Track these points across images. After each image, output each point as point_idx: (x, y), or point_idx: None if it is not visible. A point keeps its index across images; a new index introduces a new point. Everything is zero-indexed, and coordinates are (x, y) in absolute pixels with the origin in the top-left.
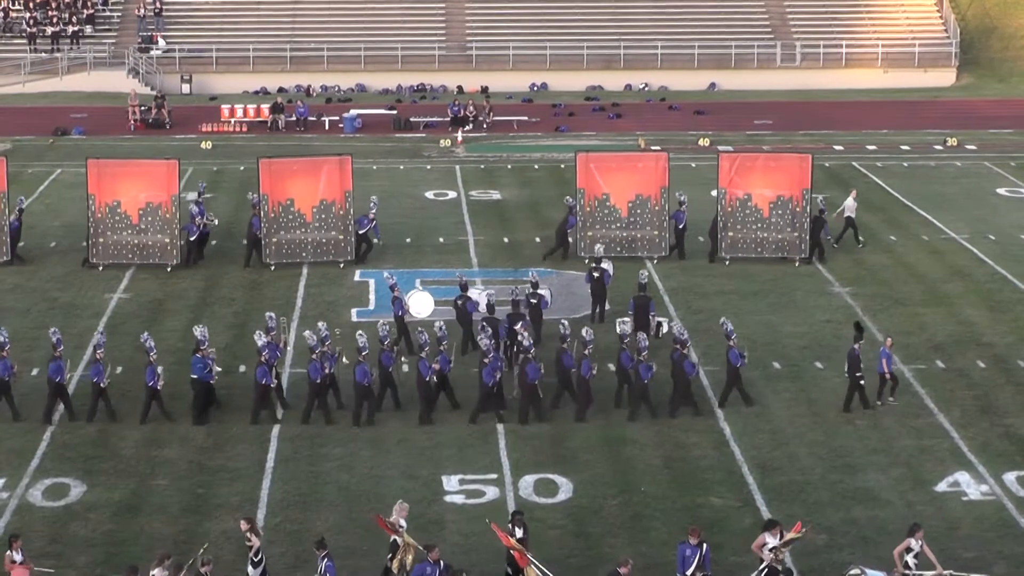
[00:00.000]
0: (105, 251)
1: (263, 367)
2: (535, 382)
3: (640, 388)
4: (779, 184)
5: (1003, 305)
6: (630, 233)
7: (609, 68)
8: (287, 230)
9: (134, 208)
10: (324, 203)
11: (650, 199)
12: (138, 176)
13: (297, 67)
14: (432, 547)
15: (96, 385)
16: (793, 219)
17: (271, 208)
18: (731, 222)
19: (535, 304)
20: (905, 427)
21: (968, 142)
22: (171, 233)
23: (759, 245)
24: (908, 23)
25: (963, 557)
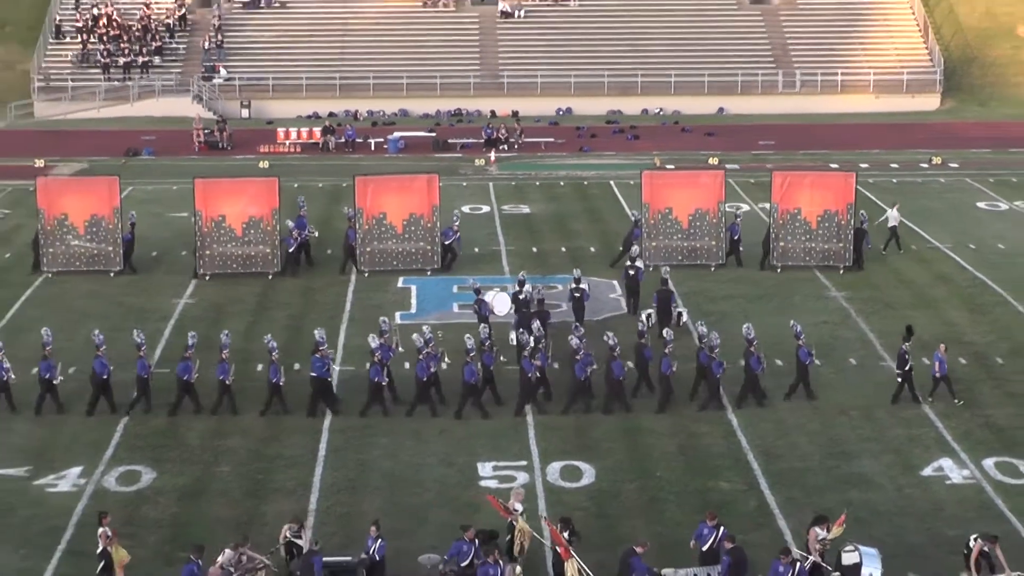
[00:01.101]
0: (211, 262)
1: (376, 367)
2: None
3: (714, 383)
4: (826, 199)
5: (983, 307)
6: (690, 243)
7: (627, 94)
8: (380, 241)
9: (238, 222)
10: (413, 216)
11: (708, 212)
12: (241, 193)
13: (345, 94)
14: (468, 527)
15: (183, 381)
16: (838, 231)
17: (366, 221)
18: (782, 233)
19: (578, 297)
20: (895, 418)
21: (951, 160)
22: (272, 244)
23: (807, 254)
24: (897, 53)
25: (947, 535)
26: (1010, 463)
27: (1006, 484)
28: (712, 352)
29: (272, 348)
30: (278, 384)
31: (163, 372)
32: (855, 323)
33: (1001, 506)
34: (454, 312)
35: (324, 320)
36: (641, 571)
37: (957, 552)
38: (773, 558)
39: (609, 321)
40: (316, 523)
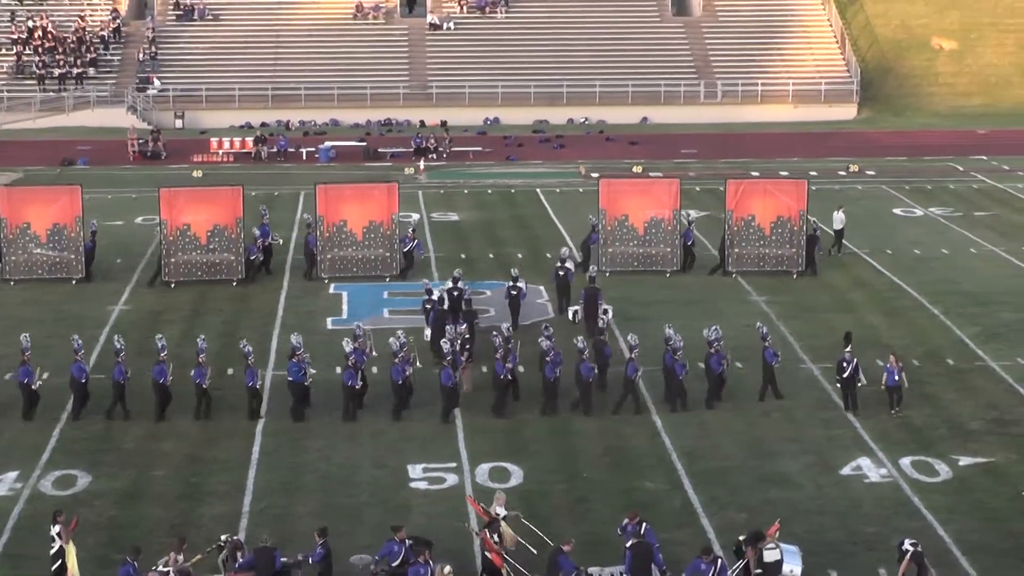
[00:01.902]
0: (176, 270)
1: (350, 371)
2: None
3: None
4: (779, 206)
5: (899, 311)
6: (646, 250)
7: (553, 104)
8: (340, 248)
9: (203, 230)
10: (373, 224)
11: (664, 219)
12: (205, 201)
13: (278, 104)
14: (399, 528)
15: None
16: (791, 237)
17: (326, 228)
18: (737, 240)
19: (515, 295)
20: (814, 419)
21: (868, 168)
22: (236, 252)
23: (761, 260)
24: (815, 64)
25: (865, 532)
26: (926, 462)
27: (922, 482)
28: (676, 354)
29: (248, 353)
30: (255, 388)
31: (99, 378)
32: (776, 326)
33: (917, 503)
34: (384, 317)
35: (257, 326)
36: (568, 569)
37: (875, 549)
38: (695, 556)
39: (538, 324)
40: (250, 525)
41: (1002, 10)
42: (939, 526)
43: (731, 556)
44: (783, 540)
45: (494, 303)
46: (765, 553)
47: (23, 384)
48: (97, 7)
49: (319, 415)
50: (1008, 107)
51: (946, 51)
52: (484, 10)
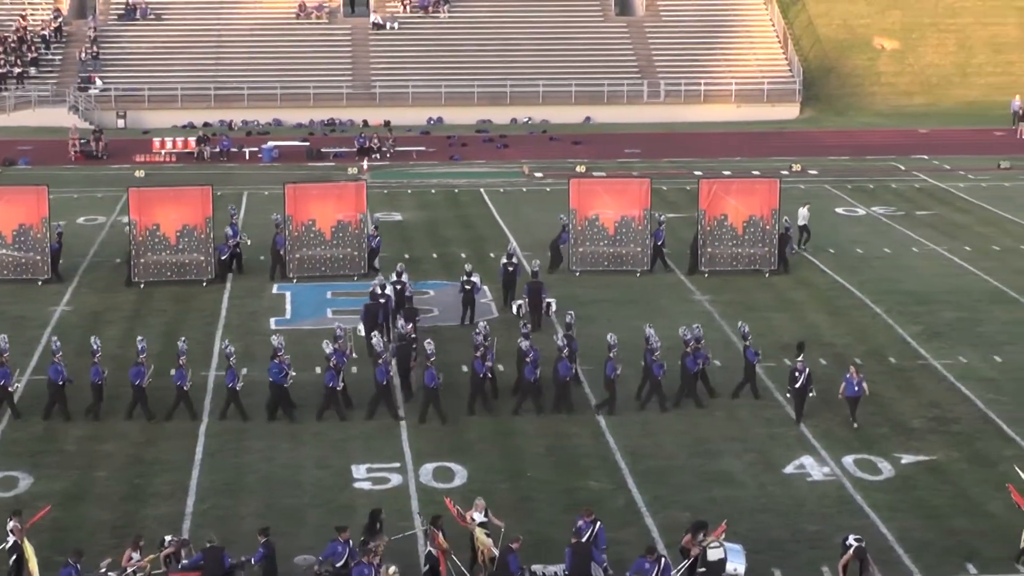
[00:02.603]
0: (146, 270)
1: (331, 371)
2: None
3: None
4: (751, 206)
5: (841, 310)
6: (616, 250)
7: (497, 104)
8: (309, 247)
9: (172, 230)
10: (341, 223)
11: (634, 219)
12: (175, 201)
13: (220, 104)
14: (343, 528)
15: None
16: (763, 236)
17: (295, 227)
18: (709, 239)
19: (469, 290)
20: (757, 418)
21: (810, 168)
22: (206, 252)
23: (734, 259)
24: (758, 64)
25: (808, 530)
26: (868, 460)
27: (864, 480)
28: (654, 354)
29: (229, 354)
30: (235, 389)
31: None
32: (719, 325)
33: (860, 501)
34: (328, 318)
35: (200, 327)
36: (516, 568)
37: (818, 547)
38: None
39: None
40: (193, 526)
41: (943, 10)
42: (881, 524)
43: (675, 555)
44: (727, 539)
45: (438, 303)
46: (709, 552)
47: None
48: (38, 6)
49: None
50: (949, 107)
51: (888, 51)
52: (427, 10)
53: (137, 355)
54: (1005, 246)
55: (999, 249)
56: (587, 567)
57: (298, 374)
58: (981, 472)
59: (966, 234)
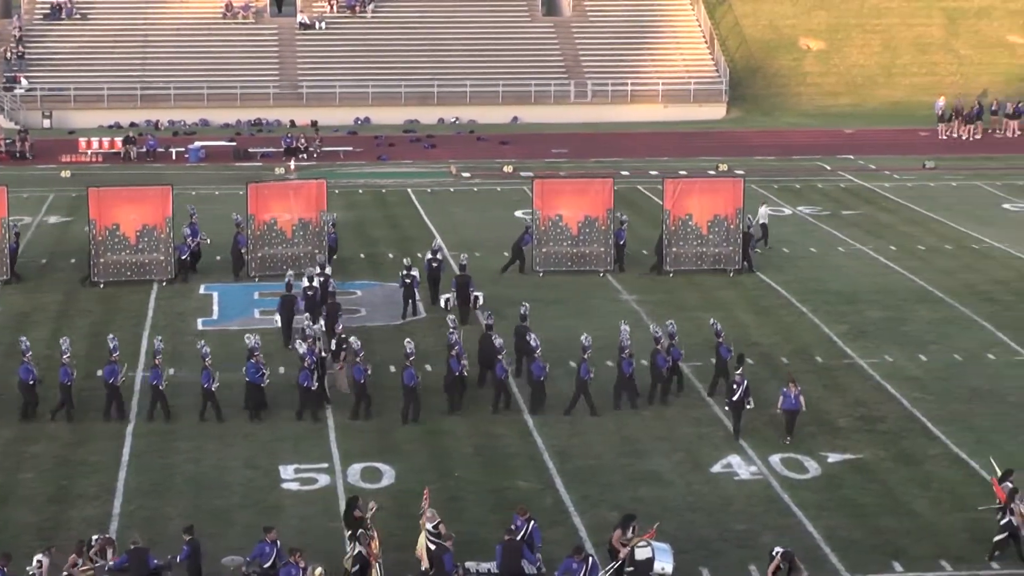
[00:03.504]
0: (105, 270)
1: (306, 371)
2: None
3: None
4: (715, 205)
5: (768, 310)
6: (579, 250)
7: (424, 104)
8: (270, 246)
9: (132, 230)
10: (302, 221)
11: (597, 219)
12: (135, 201)
13: (147, 104)
14: (271, 528)
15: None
16: (728, 235)
17: (256, 226)
18: (674, 239)
19: (409, 284)
20: (685, 417)
21: (737, 167)
22: (166, 252)
23: (699, 259)
24: (684, 64)
25: (735, 529)
26: (795, 459)
27: (791, 479)
28: (623, 352)
29: (205, 354)
30: (210, 389)
31: None
32: (646, 325)
33: (787, 500)
34: (255, 318)
35: (127, 327)
36: (450, 567)
37: (746, 546)
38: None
39: (408, 325)
40: (120, 527)
41: (868, 11)
42: (808, 523)
43: (604, 555)
44: (654, 538)
45: (366, 303)
46: (636, 551)
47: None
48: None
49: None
50: (874, 107)
51: (813, 51)
52: (355, 10)
53: (109, 353)
54: (930, 245)
55: (924, 248)
56: (517, 564)
57: (224, 374)
58: (907, 471)
59: (891, 233)
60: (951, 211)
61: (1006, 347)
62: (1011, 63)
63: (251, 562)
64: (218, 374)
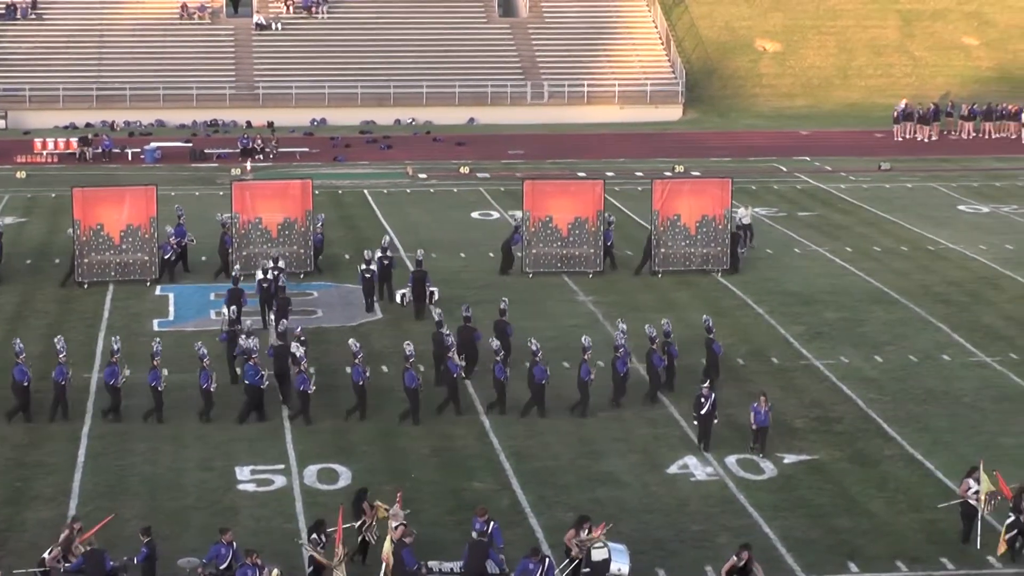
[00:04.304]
0: (89, 270)
1: (302, 375)
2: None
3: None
4: (703, 205)
5: (724, 311)
6: (569, 251)
7: (381, 105)
8: (255, 245)
9: (116, 230)
10: (288, 220)
11: (587, 220)
12: (120, 201)
13: (103, 104)
14: (226, 530)
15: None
16: (716, 235)
17: (242, 225)
18: (663, 239)
19: (387, 265)
20: (642, 418)
21: (693, 168)
22: (150, 252)
23: (687, 259)
24: (641, 65)
25: (691, 530)
26: (751, 460)
27: (747, 480)
28: (617, 351)
29: (203, 356)
30: (209, 390)
31: None
32: (602, 326)
33: (743, 501)
34: (212, 319)
35: (82, 328)
36: (411, 563)
37: (702, 547)
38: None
39: (363, 326)
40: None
41: (824, 12)
42: (764, 523)
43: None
44: (611, 539)
45: (322, 304)
46: (593, 552)
47: None
48: None
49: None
50: (830, 108)
51: (769, 53)
52: (311, 10)
53: (111, 355)
54: (885, 247)
55: (880, 250)
56: (483, 563)
57: (180, 376)
58: (862, 471)
59: (847, 235)
60: (907, 212)
61: (961, 348)
62: (966, 65)
63: (207, 564)
64: (166, 372)
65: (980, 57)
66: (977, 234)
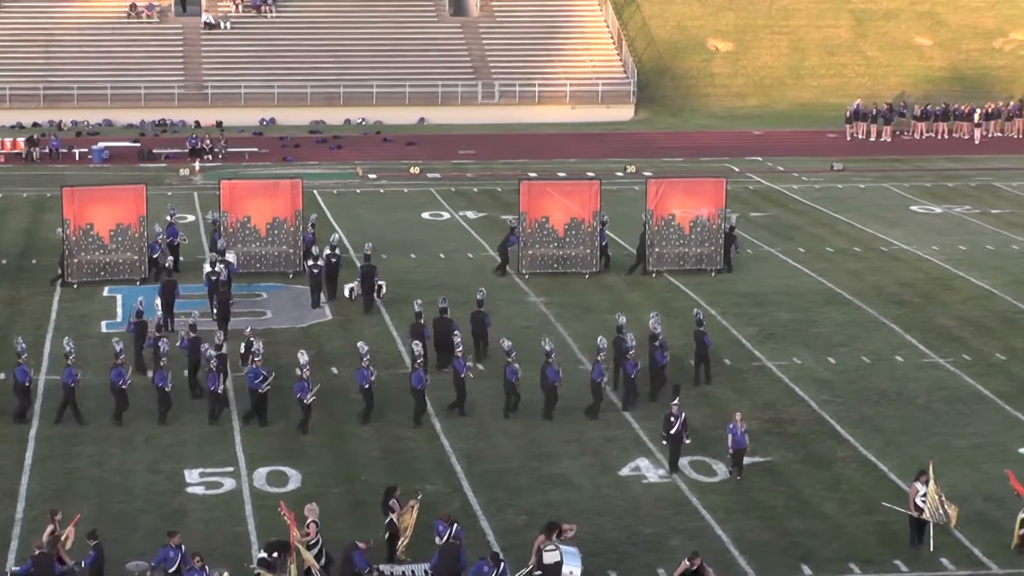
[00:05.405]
0: (79, 270)
1: (303, 382)
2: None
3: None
4: (698, 205)
5: (676, 311)
6: (565, 252)
7: (330, 105)
8: (245, 244)
9: (106, 229)
10: (277, 220)
11: (583, 221)
12: (109, 200)
13: (49, 104)
14: (174, 533)
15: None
16: (710, 235)
17: (229, 224)
18: (657, 239)
19: (334, 263)
20: (594, 420)
21: (645, 169)
22: (139, 251)
23: (681, 259)
24: (592, 65)
25: (643, 532)
26: (704, 462)
27: (700, 482)
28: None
29: (209, 357)
30: (217, 392)
31: None
32: (554, 327)
33: (696, 503)
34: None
35: (29, 329)
36: (363, 566)
37: (654, 549)
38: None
39: (313, 327)
40: (23, 532)
41: (776, 12)
42: (717, 526)
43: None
44: (563, 541)
45: (271, 306)
46: (545, 555)
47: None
48: None
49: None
50: (782, 108)
51: (721, 52)
52: (260, 9)
53: (115, 356)
54: (838, 247)
55: (832, 251)
56: (456, 566)
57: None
58: (815, 473)
59: (800, 235)
60: (859, 213)
61: (914, 349)
62: (919, 65)
63: (155, 567)
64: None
65: (933, 57)
66: (930, 235)
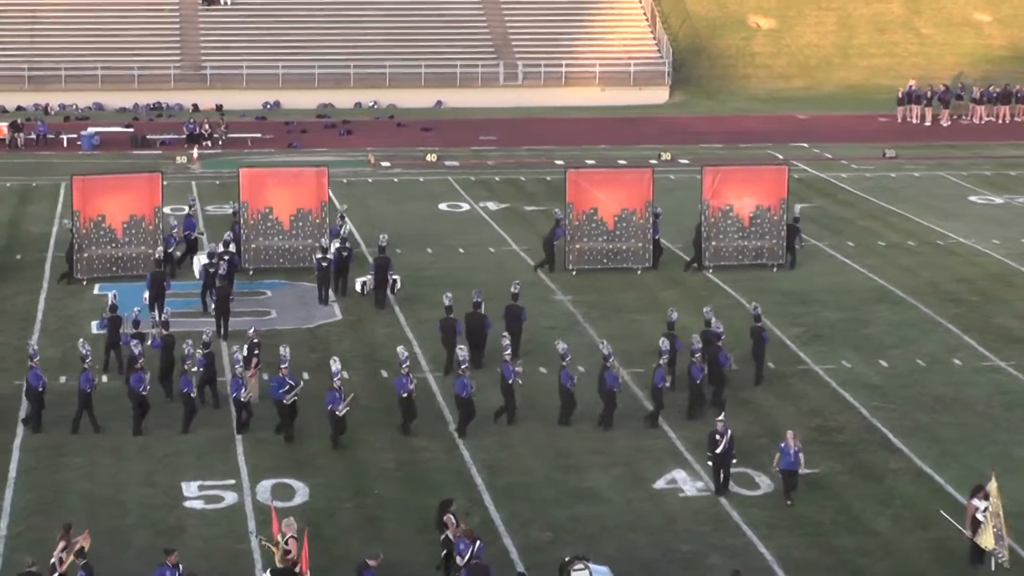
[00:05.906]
0: (89, 265)
1: (334, 391)
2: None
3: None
4: (758, 195)
5: (715, 311)
6: (616, 245)
7: (340, 87)
8: (265, 237)
9: (118, 222)
10: (301, 211)
11: (635, 213)
12: (122, 190)
13: (35, 86)
14: (172, 551)
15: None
16: (771, 227)
17: (251, 215)
18: (714, 232)
19: (345, 256)
20: (624, 428)
21: (681, 156)
22: (154, 244)
23: (740, 253)
24: (624, 44)
25: (680, 550)
26: (746, 474)
27: (742, 495)
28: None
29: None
30: (239, 399)
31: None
32: (583, 328)
33: (737, 518)
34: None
35: (14, 330)
36: None
37: (692, 568)
38: None
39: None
40: (7, 549)
41: None
42: (759, 542)
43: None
44: (593, 560)
45: (275, 304)
46: (573, 574)
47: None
48: None
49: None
50: (829, 91)
51: (763, 30)
52: None
53: (135, 362)
54: (891, 241)
55: (884, 245)
56: None
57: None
58: (865, 485)
59: (849, 228)
60: (913, 204)
61: (972, 351)
62: (977, 43)
63: None
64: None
65: (992, 35)
66: (990, 227)
